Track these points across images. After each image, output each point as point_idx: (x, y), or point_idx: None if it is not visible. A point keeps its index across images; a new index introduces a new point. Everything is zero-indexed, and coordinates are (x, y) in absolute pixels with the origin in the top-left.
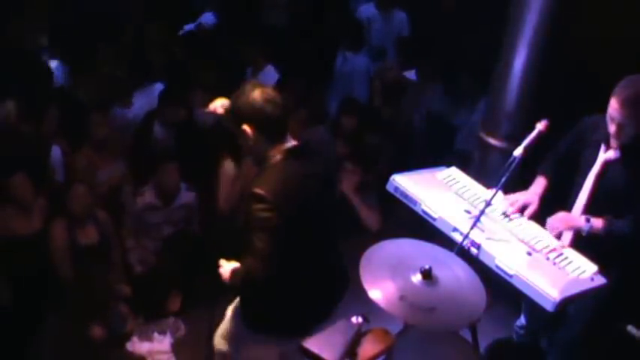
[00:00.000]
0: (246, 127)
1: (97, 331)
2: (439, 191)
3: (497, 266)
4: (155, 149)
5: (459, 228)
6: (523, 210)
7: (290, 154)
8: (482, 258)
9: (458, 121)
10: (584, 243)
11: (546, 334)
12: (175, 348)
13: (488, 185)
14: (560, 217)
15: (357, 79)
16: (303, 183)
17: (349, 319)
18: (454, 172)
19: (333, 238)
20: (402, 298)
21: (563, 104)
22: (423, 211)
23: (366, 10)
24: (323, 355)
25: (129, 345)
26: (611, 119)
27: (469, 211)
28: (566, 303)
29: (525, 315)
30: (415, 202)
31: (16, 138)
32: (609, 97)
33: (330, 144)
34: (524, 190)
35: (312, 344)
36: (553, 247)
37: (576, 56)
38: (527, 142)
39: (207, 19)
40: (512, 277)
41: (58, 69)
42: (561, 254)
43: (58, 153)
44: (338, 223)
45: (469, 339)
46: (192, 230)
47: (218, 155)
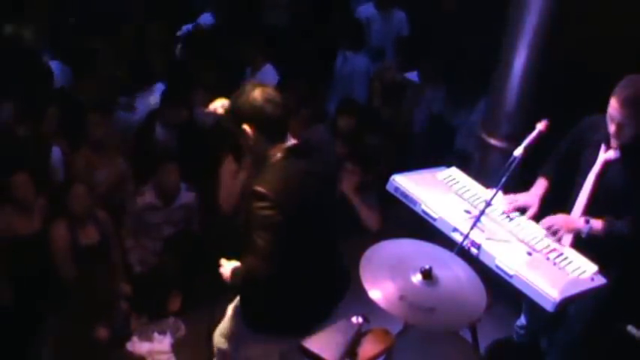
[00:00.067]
0: (246, 127)
1: (102, 332)
2: (439, 191)
3: (498, 266)
4: (156, 150)
5: (459, 228)
6: (523, 211)
7: (290, 152)
8: (483, 258)
9: (457, 122)
10: (584, 243)
11: (546, 334)
12: (175, 348)
13: (488, 185)
14: (560, 219)
15: (357, 79)
16: (303, 181)
17: (349, 319)
18: (454, 172)
19: (333, 237)
20: (402, 298)
21: (563, 104)
22: (423, 212)
23: (365, 10)
24: (323, 355)
25: (129, 345)
26: (611, 119)
27: (469, 212)
28: (567, 303)
29: (525, 315)
30: (415, 203)
31: (17, 138)
32: (609, 97)
33: (330, 143)
34: (525, 191)
35: (312, 344)
36: (553, 247)
37: (576, 56)
38: (527, 142)
39: (205, 19)
40: (512, 277)
41: (58, 70)
42: (561, 254)
43: (58, 153)
44: (338, 222)
45: (469, 339)
46: (193, 230)
47: (218, 155)
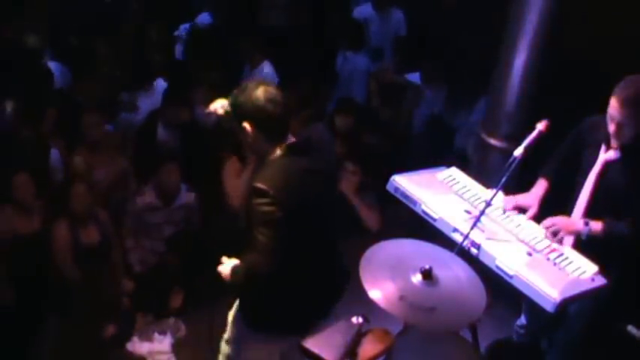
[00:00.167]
0: (247, 125)
1: (110, 330)
2: (439, 191)
3: (498, 266)
4: (158, 150)
5: (459, 228)
6: (523, 211)
7: (291, 149)
8: (483, 258)
9: (458, 123)
10: (584, 244)
11: (546, 334)
12: (175, 348)
13: (488, 185)
14: (559, 221)
15: (357, 79)
16: (303, 179)
17: (349, 319)
18: (454, 172)
19: (333, 235)
20: (402, 298)
21: (563, 104)
22: (423, 212)
23: (363, 11)
24: (323, 355)
25: (129, 345)
26: (611, 119)
27: (469, 212)
28: (567, 303)
29: (525, 315)
30: (415, 203)
31: (17, 138)
32: (609, 97)
33: (331, 142)
34: (525, 192)
35: (312, 344)
36: (553, 247)
37: (576, 56)
38: (527, 142)
39: (203, 19)
40: (512, 277)
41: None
42: (561, 254)
43: (56, 153)
44: (338, 221)
45: (469, 339)
46: (193, 230)
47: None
